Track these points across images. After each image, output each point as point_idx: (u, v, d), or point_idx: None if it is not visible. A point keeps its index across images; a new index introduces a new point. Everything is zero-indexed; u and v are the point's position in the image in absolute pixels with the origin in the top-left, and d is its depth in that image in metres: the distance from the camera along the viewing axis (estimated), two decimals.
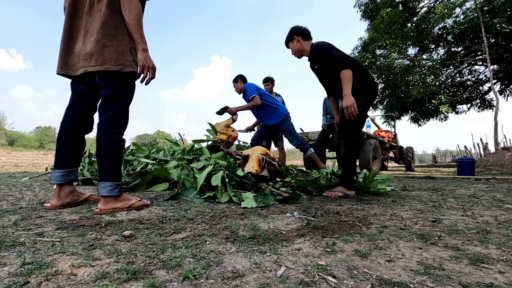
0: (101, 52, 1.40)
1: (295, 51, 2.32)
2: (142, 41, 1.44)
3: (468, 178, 4.19)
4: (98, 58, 1.41)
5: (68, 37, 1.48)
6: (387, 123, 13.53)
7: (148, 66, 1.45)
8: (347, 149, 2.17)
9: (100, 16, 1.42)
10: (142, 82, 1.50)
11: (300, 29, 2.28)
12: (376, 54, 12.09)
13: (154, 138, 63.08)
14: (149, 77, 1.48)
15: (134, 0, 1.39)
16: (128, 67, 1.45)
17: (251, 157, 2.35)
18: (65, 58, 1.48)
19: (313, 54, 2.26)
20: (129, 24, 1.41)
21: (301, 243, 0.99)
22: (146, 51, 1.45)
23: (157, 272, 0.73)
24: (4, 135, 49.54)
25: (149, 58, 1.46)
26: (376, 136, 6.45)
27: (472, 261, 0.83)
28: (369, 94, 2.18)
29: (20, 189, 2.37)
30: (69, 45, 1.48)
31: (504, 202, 1.94)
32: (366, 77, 2.16)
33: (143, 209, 1.52)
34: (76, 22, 1.48)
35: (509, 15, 9.58)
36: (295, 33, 2.28)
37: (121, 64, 1.43)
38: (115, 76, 1.45)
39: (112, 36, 1.42)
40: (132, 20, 1.40)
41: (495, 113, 10.29)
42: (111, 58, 1.41)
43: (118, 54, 1.42)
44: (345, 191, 2.14)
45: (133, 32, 1.42)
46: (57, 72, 1.51)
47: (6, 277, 0.68)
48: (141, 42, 1.44)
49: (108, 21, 1.41)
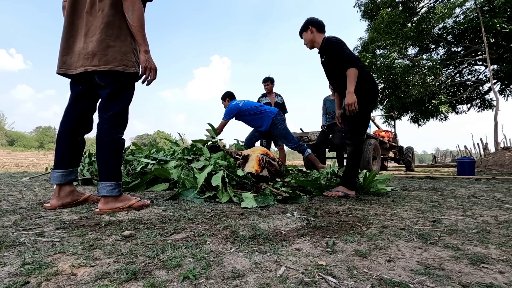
0: (104, 52, 1.41)
1: (307, 41, 2.38)
2: (144, 42, 1.45)
3: (468, 178, 4.19)
4: (101, 58, 1.41)
5: (67, 36, 1.48)
6: (387, 123, 13.53)
7: (150, 68, 1.47)
8: (353, 148, 2.20)
9: (102, 16, 1.42)
10: (143, 83, 1.51)
11: (315, 21, 2.35)
12: (376, 54, 12.09)
13: (154, 138, 63.10)
14: (150, 78, 1.49)
15: (137, 2, 1.41)
16: (131, 67, 1.46)
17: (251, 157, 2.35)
18: (64, 57, 1.48)
19: (324, 47, 2.31)
20: (132, 25, 1.43)
21: (301, 243, 0.99)
22: (148, 53, 1.46)
23: (157, 272, 0.73)
24: (4, 135, 49.55)
25: (151, 59, 1.48)
26: (376, 136, 6.45)
27: (472, 261, 0.83)
28: (369, 96, 2.20)
29: (20, 189, 2.37)
30: (69, 44, 1.48)
31: (504, 202, 1.94)
32: (367, 80, 2.19)
33: (143, 209, 1.52)
34: (75, 21, 1.48)
35: (509, 15, 9.58)
36: (310, 23, 2.34)
37: (125, 64, 1.44)
38: (115, 77, 1.45)
39: (116, 36, 1.43)
40: (135, 22, 1.41)
41: (495, 113, 10.29)
42: (115, 59, 1.42)
43: (121, 54, 1.43)
44: (345, 191, 2.14)
45: (136, 33, 1.44)
46: (56, 72, 1.51)
47: (6, 277, 0.68)
48: (143, 44, 1.45)
49: (112, 21, 1.42)
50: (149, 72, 1.47)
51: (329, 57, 2.29)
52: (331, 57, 2.27)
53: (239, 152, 2.48)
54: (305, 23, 2.38)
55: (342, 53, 2.20)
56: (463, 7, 10.54)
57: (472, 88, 12.50)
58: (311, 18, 2.37)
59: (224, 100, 4.07)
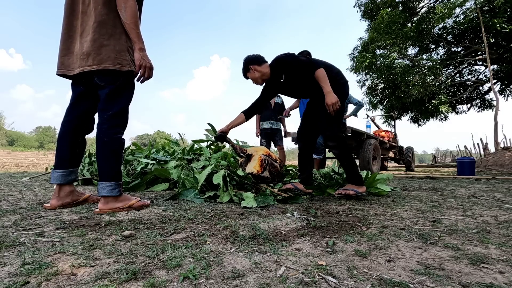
0: (98, 52, 1.41)
1: (256, 79, 2.27)
2: (139, 40, 1.43)
3: (468, 178, 4.19)
4: (95, 58, 1.41)
5: (65, 37, 1.49)
6: (387, 123, 13.52)
7: (145, 66, 1.45)
8: (340, 149, 2.13)
9: (95, 15, 1.42)
10: (138, 81, 1.50)
11: (252, 58, 2.24)
12: (376, 54, 12.08)
13: (154, 138, 63.03)
14: (145, 76, 1.48)
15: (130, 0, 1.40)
16: (126, 66, 1.45)
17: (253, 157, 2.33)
18: (62, 58, 1.49)
19: (277, 68, 2.21)
20: (125, 23, 1.41)
21: (301, 243, 0.99)
22: (143, 50, 1.45)
23: (157, 272, 0.73)
24: (4, 135, 49.53)
25: (146, 57, 1.46)
26: (376, 136, 6.44)
27: (472, 261, 0.83)
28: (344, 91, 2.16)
29: (20, 189, 2.37)
30: (67, 45, 1.49)
31: (504, 202, 1.94)
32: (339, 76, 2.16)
33: (143, 209, 1.52)
34: (73, 22, 1.49)
35: (509, 15, 9.58)
36: (249, 62, 2.23)
37: (119, 63, 1.43)
38: (114, 76, 1.45)
39: (109, 35, 1.42)
40: (128, 19, 1.40)
41: (495, 113, 10.29)
42: (109, 57, 1.41)
43: (115, 53, 1.43)
44: (355, 189, 2.05)
45: (130, 31, 1.42)
46: (56, 73, 1.53)
47: (6, 277, 0.68)
48: (138, 41, 1.43)
49: (105, 20, 1.42)
50: (144, 70, 1.45)
51: (289, 73, 2.19)
52: (291, 72, 2.18)
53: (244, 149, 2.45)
54: (244, 65, 2.25)
55: (300, 62, 2.13)
56: (463, 7, 10.53)
57: (472, 88, 12.49)
58: (247, 57, 2.25)
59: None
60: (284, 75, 2.22)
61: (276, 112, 4.54)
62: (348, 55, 14.16)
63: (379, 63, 11.61)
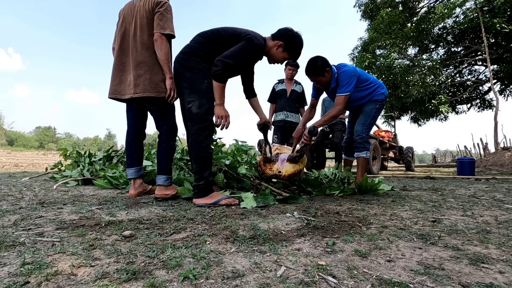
0: (143, 83, 1.88)
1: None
2: (169, 71, 1.89)
3: (468, 178, 4.19)
4: (140, 87, 1.88)
5: (117, 70, 1.96)
6: (387, 123, 13.52)
7: (174, 89, 1.89)
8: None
9: (142, 57, 1.89)
10: (169, 101, 1.92)
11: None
12: (376, 54, 12.09)
13: (154, 138, 62.96)
14: (173, 96, 1.90)
15: (164, 42, 1.86)
16: (162, 93, 1.90)
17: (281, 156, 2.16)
18: (115, 86, 1.96)
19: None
20: (160, 59, 1.87)
21: (301, 243, 0.99)
22: (172, 78, 1.89)
23: (157, 272, 0.73)
24: (4, 135, 49.52)
25: (173, 83, 1.89)
26: (376, 136, 6.45)
27: (472, 261, 0.83)
28: None
29: (20, 189, 2.37)
30: (119, 76, 1.96)
31: (504, 202, 1.94)
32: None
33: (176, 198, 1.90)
34: (123, 59, 1.96)
35: (509, 15, 9.58)
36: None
37: (157, 91, 1.89)
38: (157, 102, 1.93)
39: (151, 71, 1.89)
40: (162, 57, 1.86)
41: (495, 113, 10.29)
42: (150, 87, 1.88)
43: (155, 84, 1.89)
44: None
45: (163, 65, 1.88)
46: (108, 96, 1.99)
47: (6, 277, 0.68)
48: (168, 72, 1.89)
49: (148, 60, 1.90)
50: (173, 92, 1.89)
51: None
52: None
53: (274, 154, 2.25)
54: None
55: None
56: (463, 7, 10.54)
57: (472, 88, 12.49)
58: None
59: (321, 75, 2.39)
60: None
61: (292, 102, 3.83)
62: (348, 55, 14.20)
63: (379, 63, 11.61)
